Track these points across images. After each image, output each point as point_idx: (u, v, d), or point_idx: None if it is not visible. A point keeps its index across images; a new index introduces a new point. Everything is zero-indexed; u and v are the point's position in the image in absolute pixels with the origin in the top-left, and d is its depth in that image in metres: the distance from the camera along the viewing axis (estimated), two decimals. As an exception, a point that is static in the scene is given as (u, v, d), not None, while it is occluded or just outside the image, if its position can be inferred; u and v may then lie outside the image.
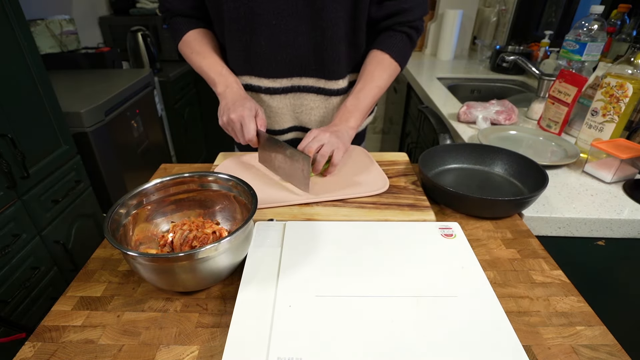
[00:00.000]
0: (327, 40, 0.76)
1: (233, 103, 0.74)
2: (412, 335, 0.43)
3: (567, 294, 0.52)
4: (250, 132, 0.71)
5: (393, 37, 0.80)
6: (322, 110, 0.86)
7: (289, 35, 0.75)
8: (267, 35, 0.75)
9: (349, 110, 0.78)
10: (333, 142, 0.71)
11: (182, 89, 2.24)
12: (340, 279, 0.50)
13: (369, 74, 0.79)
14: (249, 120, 0.71)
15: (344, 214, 0.66)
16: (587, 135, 0.92)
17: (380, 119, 2.65)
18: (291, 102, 0.85)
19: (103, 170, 1.43)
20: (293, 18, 0.74)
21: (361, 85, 0.79)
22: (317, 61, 0.79)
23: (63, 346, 0.45)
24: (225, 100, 0.75)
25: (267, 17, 0.73)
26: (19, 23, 1.06)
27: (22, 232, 1.05)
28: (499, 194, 0.74)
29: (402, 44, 0.80)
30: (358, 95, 0.78)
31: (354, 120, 0.77)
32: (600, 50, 1.16)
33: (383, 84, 0.80)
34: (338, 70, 0.81)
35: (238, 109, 0.72)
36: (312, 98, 0.84)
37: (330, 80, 0.82)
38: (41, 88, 1.14)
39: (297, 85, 0.82)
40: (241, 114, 0.71)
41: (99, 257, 0.59)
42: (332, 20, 0.73)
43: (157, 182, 0.57)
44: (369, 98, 0.79)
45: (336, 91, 0.84)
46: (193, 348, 0.44)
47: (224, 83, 0.78)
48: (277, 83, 0.81)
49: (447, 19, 1.98)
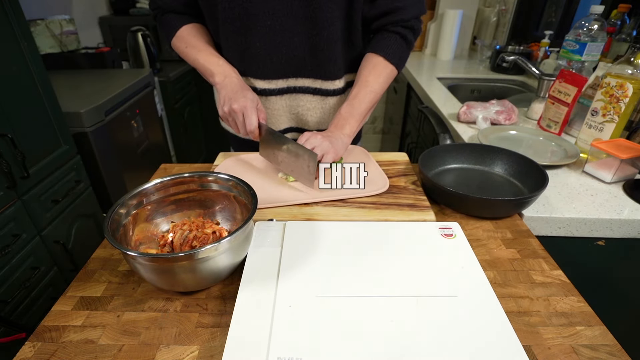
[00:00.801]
0: (323, 40, 0.75)
1: (234, 93, 0.72)
2: (412, 335, 0.42)
3: (567, 294, 0.52)
4: (252, 123, 0.70)
5: (387, 39, 0.78)
6: (318, 110, 0.86)
7: (285, 36, 0.75)
8: (262, 36, 0.75)
9: (344, 117, 0.76)
10: (324, 146, 0.69)
11: (182, 89, 2.24)
12: (340, 279, 0.50)
13: (363, 79, 0.78)
14: (251, 111, 0.70)
15: (344, 214, 0.66)
16: (587, 135, 0.92)
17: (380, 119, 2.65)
18: (287, 103, 0.84)
19: (103, 170, 1.43)
20: (288, 18, 0.73)
21: (356, 90, 0.77)
22: (313, 61, 0.78)
23: (63, 346, 0.45)
24: (225, 90, 0.74)
25: (262, 17, 0.72)
26: (19, 23, 1.06)
27: (22, 232, 1.05)
28: (499, 194, 0.74)
29: (396, 45, 0.78)
30: (352, 102, 0.77)
31: (349, 127, 0.76)
32: (600, 50, 1.16)
33: (378, 88, 0.78)
34: (334, 70, 0.80)
35: (240, 99, 0.71)
36: (309, 99, 0.84)
37: (327, 80, 0.81)
38: (41, 88, 1.14)
39: (293, 86, 0.82)
40: (244, 104, 0.70)
41: (99, 257, 0.59)
42: (328, 20, 0.73)
43: (157, 182, 0.57)
44: (364, 104, 0.77)
45: (332, 91, 0.83)
46: (193, 348, 0.44)
47: (222, 73, 0.77)
48: (272, 84, 0.81)
49: (447, 19, 1.99)
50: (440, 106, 1.31)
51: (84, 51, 1.89)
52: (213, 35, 0.83)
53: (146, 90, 1.79)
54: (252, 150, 0.90)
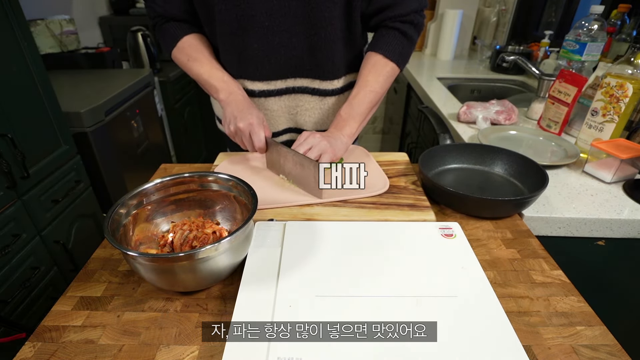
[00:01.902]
0: (321, 39, 0.75)
1: (240, 111, 0.73)
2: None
3: (567, 294, 0.52)
4: (261, 140, 0.71)
5: (385, 36, 0.77)
6: (317, 111, 0.85)
7: (283, 36, 0.74)
8: (260, 36, 0.74)
9: (344, 118, 0.76)
10: (322, 146, 0.69)
11: (182, 89, 2.24)
12: (340, 279, 0.50)
13: (363, 79, 0.77)
14: (258, 128, 0.71)
15: (344, 214, 0.66)
16: (587, 135, 0.92)
17: (380, 119, 2.65)
18: (286, 103, 0.84)
19: (103, 170, 1.43)
20: (286, 18, 0.72)
21: (356, 91, 0.77)
22: (312, 61, 0.78)
23: (63, 346, 0.45)
24: (230, 108, 0.74)
25: (260, 18, 0.72)
26: (19, 23, 1.06)
27: (22, 232, 1.05)
28: (499, 194, 0.74)
29: (395, 42, 0.76)
30: (352, 102, 0.76)
31: (348, 128, 0.75)
32: (600, 50, 1.16)
33: (379, 87, 0.77)
34: (333, 70, 0.80)
35: (246, 117, 0.71)
36: (307, 99, 0.83)
37: (325, 80, 0.81)
38: (41, 88, 1.14)
39: (291, 87, 0.81)
40: (250, 122, 0.71)
41: (99, 257, 0.59)
42: (326, 19, 0.72)
43: (157, 182, 0.57)
44: (364, 104, 0.76)
45: (331, 91, 0.82)
46: (193, 348, 0.44)
47: (226, 90, 0.76)
48: (271, 85, 0.80)
49: (447, 19, 1.99)
50: (440, 106, 1.31)
51: (84, 51, 1.89)
52: (210, 39, 0.82)
53: (146, 90, 1.79)
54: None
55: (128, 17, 2.29)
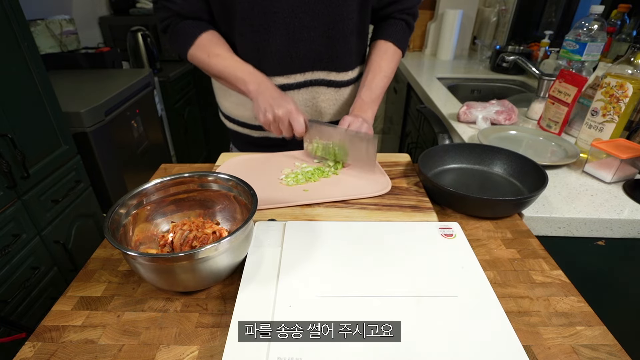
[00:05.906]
0: (339, 33, 0.78)
1: (274, 99, 0.72)
2: (412, 336, 0.42)
3: (567, 294, 0.52)
4: (301, 125, 0.72)
5: (394, 25, 0.84)
6: (332, 102, 0.87)
7: (303, 32, 0.76)
8: (282, 33, 0.75)
9: (365, 102, 0.80)
10: (364, 128, 0.75)
11: (182, 89, 2.24)
12: (340, 279, 0.50)
13: (376, 65, 0.83)
14: (297, 114, 0.71)
15: (346, 215, 0.66)
16: (587, 135, 0.92)
17: (380, 119, 2.65)
18: (304, 96, 0.85)
19: (103, 170, 1.43)
20: (307, 14, 0.74)
21: (371, 76, 0.82)
22: (329, 54, 0.80)
23: (63, 346, 0.45)
24: (264, 97, 0.73)
25: (282, 15, 0.73)
26: (19, 23, 1.06)
27: (22, 232, 1.05)
28: (499, 194, 0.74)
29: (402, 32, 0.85)
30: (371, 86, 0.81)
31: (371, 112, 0.81)
32: (600, 50, 1.16)
33: (391, 73, 0.84)
34: (348, 61, 0.83)
35: (282, 104, 0.71)
36: (324, 91, 0.85)
37: (341, 72, 0.84)
38: (41, 88, 1.14)
39: (309, 80, 0.83)
40: (288, 109, 0.71)
41: (99, 257, 0.59)
42: (345, 12, 0.75)
43: (157, 182, 0.57)
44: (379, 88, 0.82)
45: (346, 82, 0.86)
46: (193, 348, 0.44)
47: (255, 81, 0.75)
48: (291, 79, 0.82)
49: (447, 19, 1.99)
50: (441, 106, 1.31)
51: (84, 51, 1.89)
52: (225, 37, 0.81)
53: (146, 90, 1.79)
54: (256, 150, 0.90)
55: (128, 17, 2.29)
